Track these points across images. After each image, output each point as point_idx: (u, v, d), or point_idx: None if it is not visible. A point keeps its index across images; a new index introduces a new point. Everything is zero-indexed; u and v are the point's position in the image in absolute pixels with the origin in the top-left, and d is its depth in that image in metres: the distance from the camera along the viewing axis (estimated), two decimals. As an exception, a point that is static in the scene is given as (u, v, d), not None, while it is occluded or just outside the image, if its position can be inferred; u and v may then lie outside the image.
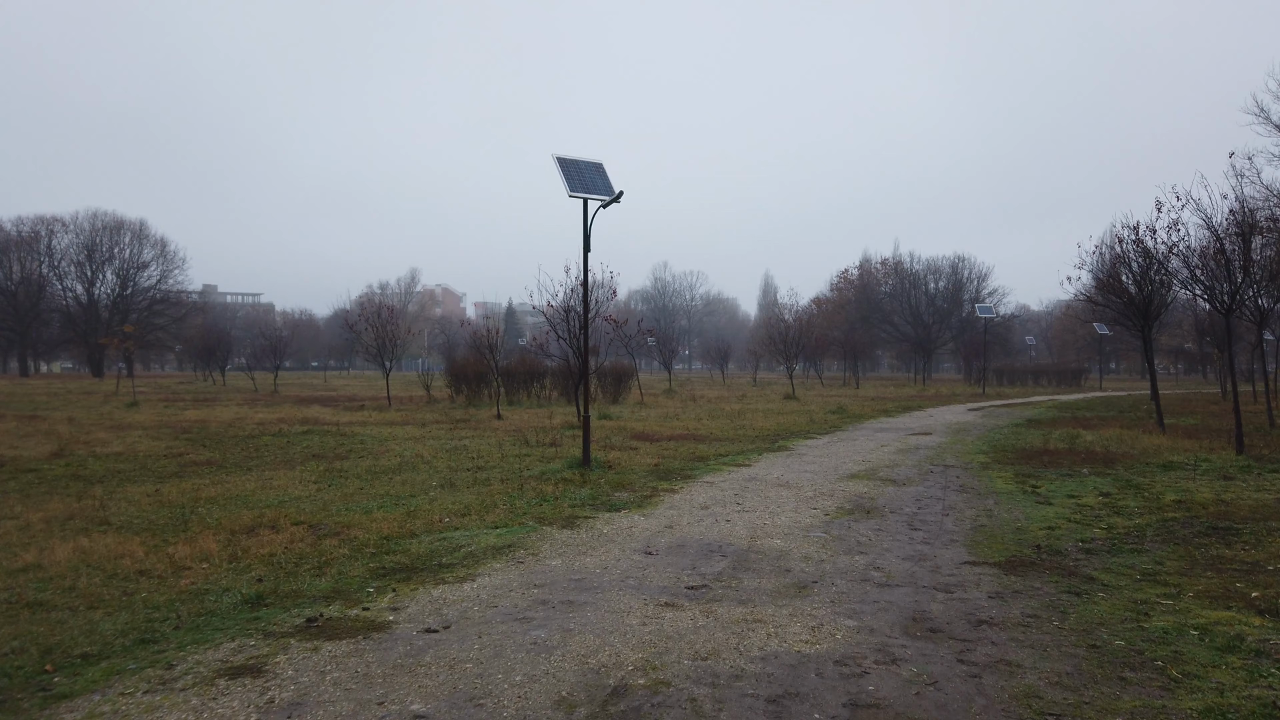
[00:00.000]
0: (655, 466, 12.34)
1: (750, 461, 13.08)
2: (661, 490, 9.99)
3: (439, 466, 12.35)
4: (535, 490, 9.79)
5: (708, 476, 11.31)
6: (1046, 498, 9.63)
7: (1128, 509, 8.92)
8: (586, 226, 11.50)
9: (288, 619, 4.89)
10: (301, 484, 10.59)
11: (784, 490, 10.06)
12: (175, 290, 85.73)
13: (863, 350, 68.93)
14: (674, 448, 14.99)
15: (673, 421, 21.24)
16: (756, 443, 16.11)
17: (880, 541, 7.26)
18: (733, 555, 6.61)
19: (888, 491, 10.05)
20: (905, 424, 21.46)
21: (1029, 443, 16.03)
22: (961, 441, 16.64)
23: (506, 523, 7.80)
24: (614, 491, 9.89)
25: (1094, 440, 16.03)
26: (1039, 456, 13.70)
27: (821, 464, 12.72)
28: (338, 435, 17.31)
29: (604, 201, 11.39)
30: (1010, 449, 14.97)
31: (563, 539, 7.09)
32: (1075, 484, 10.67)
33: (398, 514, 8.32)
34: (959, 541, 7.35)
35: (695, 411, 25.61)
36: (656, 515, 8.36)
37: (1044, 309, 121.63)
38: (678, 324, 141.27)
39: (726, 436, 17.45)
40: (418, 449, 14.59)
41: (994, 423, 22.15)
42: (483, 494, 9.65)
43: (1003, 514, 8.65)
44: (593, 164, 11.75)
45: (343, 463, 12.84)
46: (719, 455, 13.89)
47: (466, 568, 6.10)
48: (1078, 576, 6.16)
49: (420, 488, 10.28)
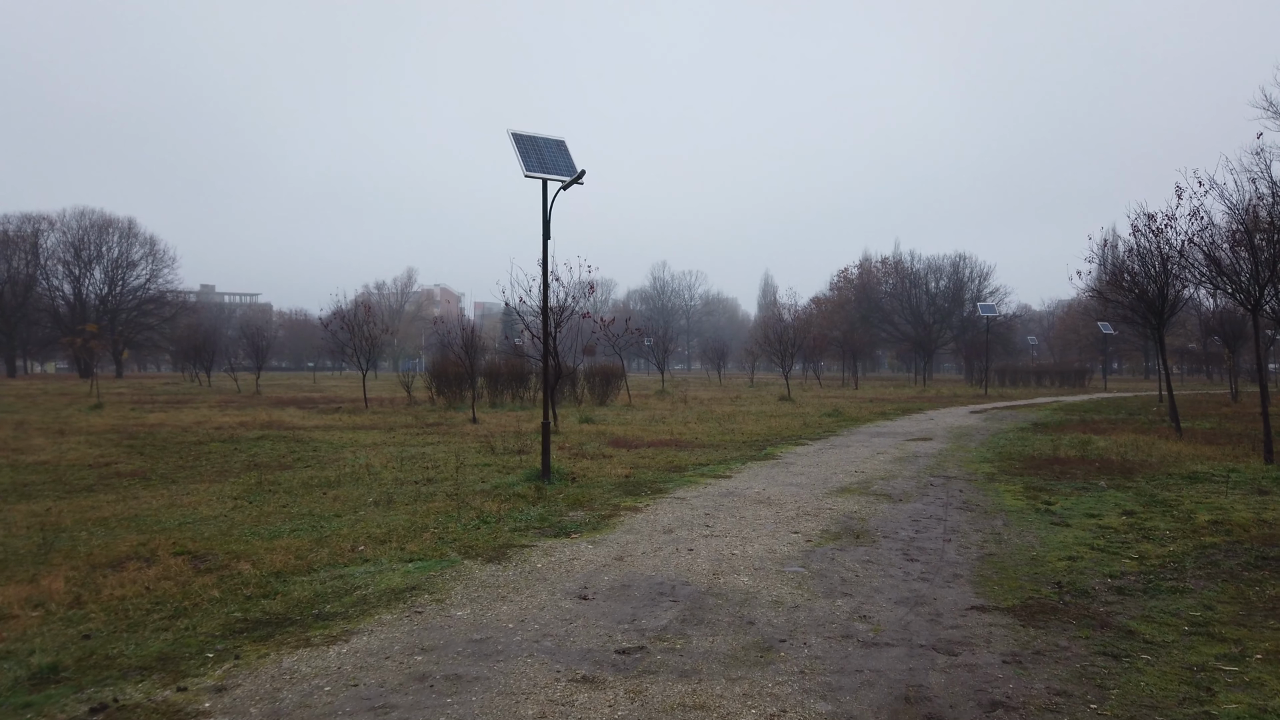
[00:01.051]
0: (625, 478, 11.12)
1: (731, 472, 11.86)
2: (623, 509, 8.76)
3: (385, 479, 11.13)
4: (478, 509, 8.57)
5: (681, 491, 10.09)
6: (1063, 517, 8.41)
7: (1158, 532, 7.70)
8: (546, 210, 10.29)
9: (72, 706, 3.67)
10: (219, 501, 9.37)
11: (763, 508, 8.84)
12: (166, 290, 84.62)
13: (862, 350, 67.67)
14: (651, 456, 13.78)
15: (657, 426, 20.03)
16: (742, 450, 14.89)
17: (869, 578, 6.04)
18: (686, 600, 5.39)
19: (881, 510, 8.83)
20: (904, 428, 20.24)
21: (1037, 449, 14.80)
22: (964, 448, 15.41)
23: (426, 554, 6.57)
24: (569, 510, 8.67)
25: (1107, 447, 14.81)
26: (1049, 466, 12.48)
27: (809, 475, 11.50)
28: (293, 441, 16.09)
29: (564, 182, 10.17)
30: (1017, 457, 13.74)
31: (483, 577, 5.86)
32: (1093, 500, 9.45)
33: (306, 541, 7.10)
34: (964, 576, 6.13)
35: (684, 414, 24.39)
36: (609, 542, 7.14)
37: (1045, 308, 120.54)
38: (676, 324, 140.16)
39: (711, 442, 16.24)
40: (371, 457, 13.38)
41: (998, 427, 20.92)
42: (417, 514, 8.43)
43: (1014, 539, 7.43)
44: (554, 141, 10.54)
45: (282, 474, 11.63)
46: (698, 465, 12.67)
47: (347, 620, 4.88)
48: (1112, 629, 4.95)
49: (352, 505, 9.06)
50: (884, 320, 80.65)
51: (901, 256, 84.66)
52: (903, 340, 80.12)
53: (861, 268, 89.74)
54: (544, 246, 10.44)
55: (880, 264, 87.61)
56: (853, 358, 62.39)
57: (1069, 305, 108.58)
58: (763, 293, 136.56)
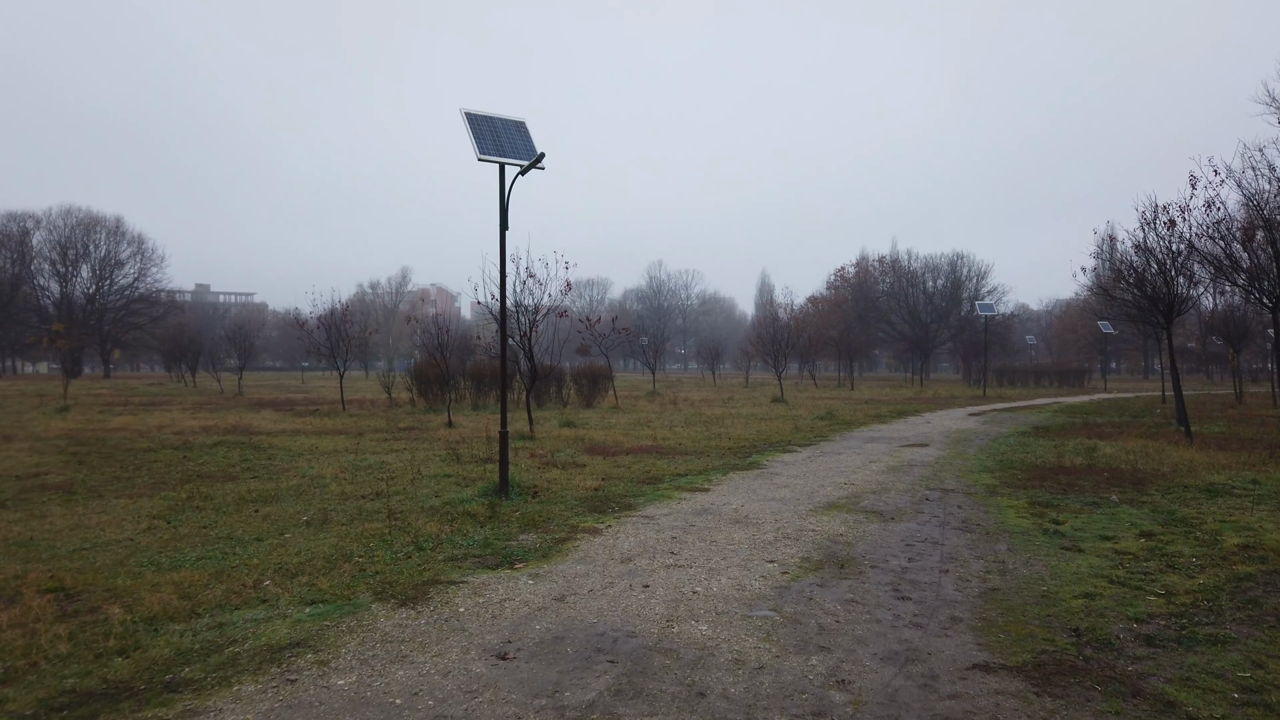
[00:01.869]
0: (594, 492, 10.18)
1: (710, 484, 10.91)
2: (582, 530, 7.82)
3: (331, 492, 10.18)
4: (416, 533, 7.62)
5: (651, 507, 9.15)
6: (1074, 540, 7.47)
7: (1183, 559, 6.78)
8: (503, 198, 9.33)
9: None
10: (134, 520, 8.42)
11: (738, 530, 7.90)
12: (155, 289, 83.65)
13: (859, 350, 66.75)
14: (628, 465, 12.84)
15: (641, 430, 19.08)
16: (726, 458, 13.95)
17: (852, 623, 5.11)
18: (628, 658, 4.44)
19: (870, 531, 7.89)
20: (899, 432, 19.31)
21: (1040, 457, 13.88)
22: (962, 455, 14.48)
23: (334, 594, 5.62)
24: (520, 533, 7.73)
25: (1115, 454, 13.88)
26: (1054, 476, 11.55)
27: (794, 488, 10.56)
28: (250, 449, 15.13)
29: (522, 167, 9.22)
30: (1019, 465, 12.82)
31: (387, 628, 4.91)
32: (1106, 518, 8.52)
33: (205, 574, 6.16)
34: (964, 620, 5.20)
35: (671, 418, 23.45)
36: (554, 575, 6.20)
37: (1043, 308, 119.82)
38: (673, 323, 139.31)
39: (695, 449, 15.30)
40: (325, 467, 12.43)
41: (997, 430, 20.00)
42: (348, 537, 7.48)
43: (1020, 568, 6.50)
44: (512, 122, 9.59)
45: (221, 486, 10.67)
46: (676, 476, 11.73)
47: (199, 694, 3.93)
48: (1146, 698, 4.02)
49: (281, 525, 8.12)
50: (881, 320, 79.78)
51: (899, 255, 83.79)
52: (900, 340, 79.25)
53: (858, 267, 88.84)
54: (501, 238, 9.49)
55: (877, 263, 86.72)
56: (849, 358, 61.46)
57: (1067, 305, 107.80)
58: (760, 292, 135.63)
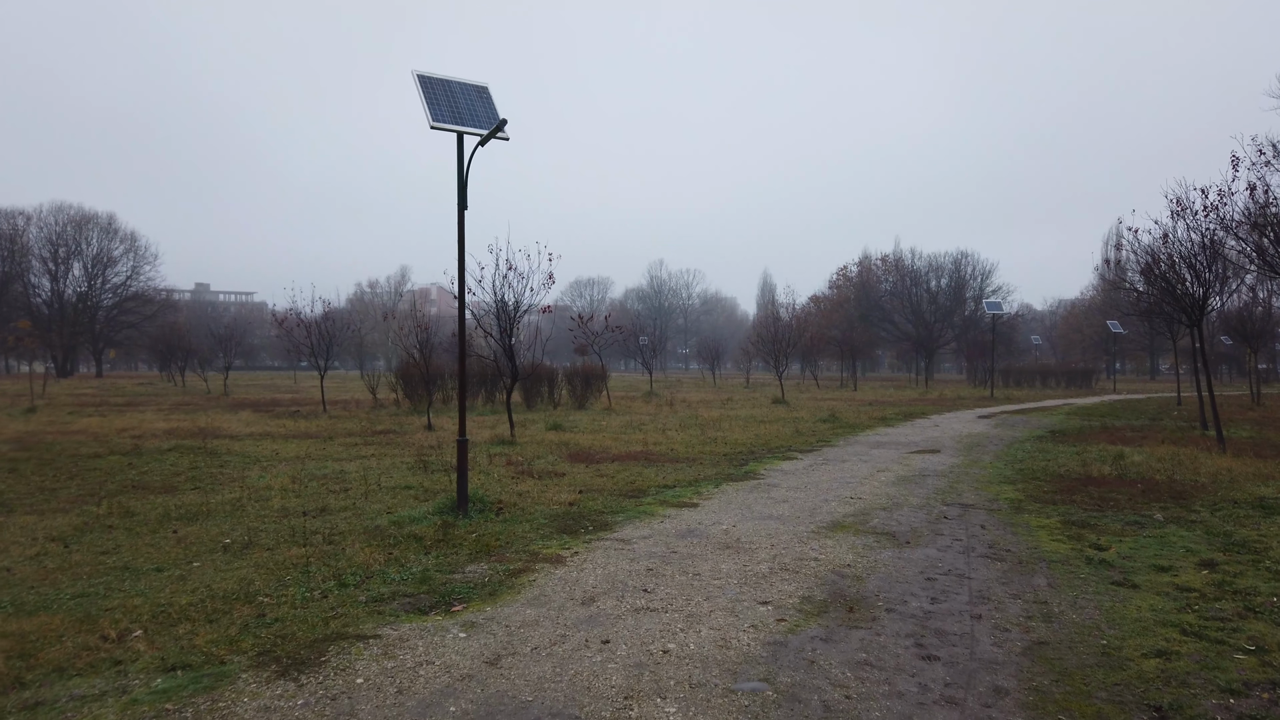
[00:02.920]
0: (568, 508, 9.00)
1: (700, 498, 9.73)
2: (542, 560, 6.64)
3: (270, 508, 9.01)
4: (344, 563, 6.45)
5: (629, 527, 7.97)
6: (1124, 573, 6.29)
7: (1260, 598, 5.60)
8: (461, 172, 8.16)
9: None
10: (27, 543, 7.24)
11: (728, 558, 6.72)
12: (148, 287, 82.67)
13: (862, 350, 65.48)
14: (612, 474, 11.66)
15: (632, 435, 17.90)
16: (720, 466, 12.76)
17: (867, 702, 3.92)
18: (565, 761, 3.28)
19: (883, 560, 6.70)
20: (907, 437, 18.12)
21: (1063, 465, 12.69)
22: (978, 463, 13.30)
23: (206, 654, 4.43)
24: (469, 562, 6.55)
25: (1144, 463, 12.68)
26: (1083, 489, 10.37)
27: (794, 503, 9.37)
28: (205, 455, 13.97)
29: (482, 136, 8.04)
30: (1043, 476, 11.63)
31: (248, 714, 3.72)
32: (1155, 542, 7.33)
33: (64, 619, 4.99)
34: (1011, 694, 4.02)
35: (665, 420, 22.27)
36: (494, 625, 5.02)
37: (1047, 308, 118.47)
38: (674, 323, 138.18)
39: (687, 455, 14.12)
40: (276, 477, 11.26)
41: (1011, 434, 18.81)
42: (264, 568, 6.31)
43: (1068, 612, 5.32)
44: (473, 86, 8.41)
45: (149, 500, 9.51)
46: (663, 487, 10.54)
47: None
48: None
49: (194, 552, 6.95)
50: (884, 319, 78.56)
51: (902, 254, 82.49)
52: (903, 340, 78.02)
53: (861, 266, 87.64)
54: (460, 219, 8.30)
55: (880, 262, 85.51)
56: (852, 358, 60.24)
57: (1072, 305, 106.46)
58: (761, 292, 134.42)
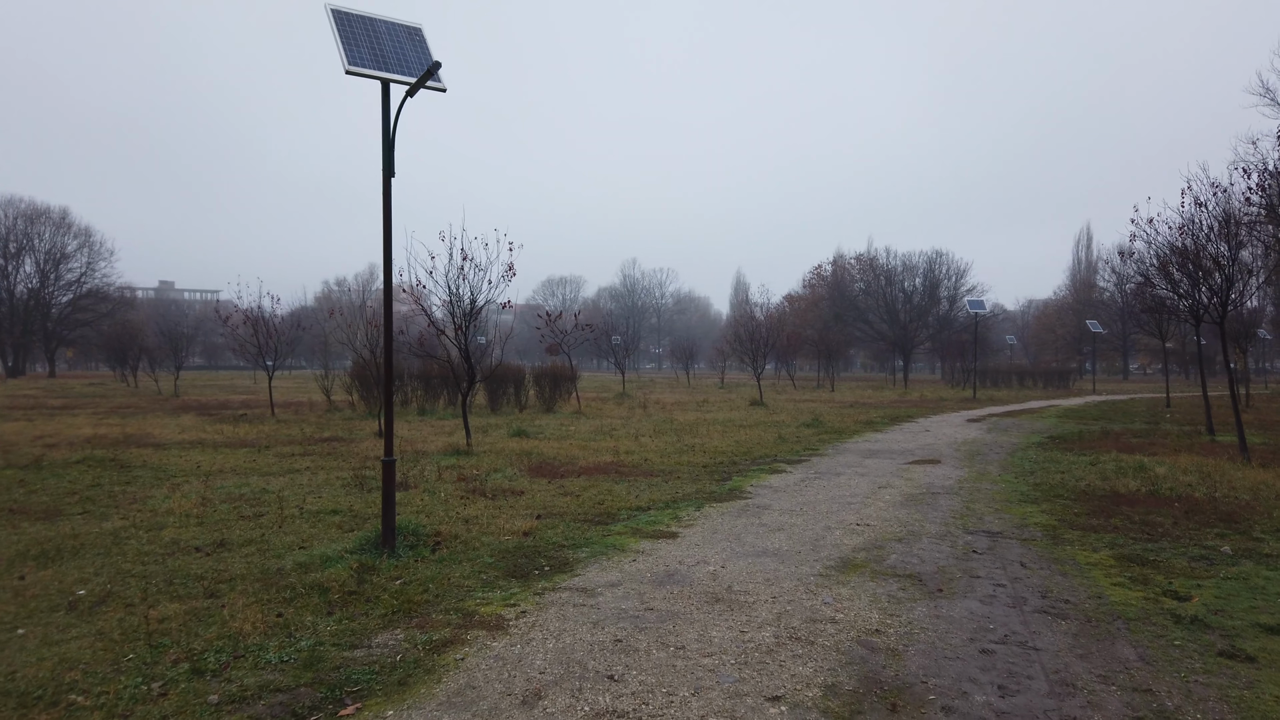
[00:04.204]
0: (521, 540, 7.45)
1: (679, 525, 8.23)
2: (480, 623, 5.09)
3: (159, 542, 7.37)
4: (223, 628, 4.87)
5: (593, 569, 6.45)
6: (1227, 636, 4.90)
7: None
8: (387, 129, 6.58)
9: None
10: None
11: (719, 618, 5.22)
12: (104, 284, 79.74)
13: (837, 350, 64.42)
14: (577, 492, 10.14)
15: (601, 441, 16.37)
16: (701, 481, 11.28)
17: None
18: None
19: (918, 619, 5.24)
20: (900, 443, 16.77)
21: (1081, 478, 11.37)
22: (986, 476, 11.96)
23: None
24: (382, 629, 4.99)
25: (1170, 475, 11.39)
26: (1118, 509, 9.04)
27: (792, 531, 7.91)
28: (116, 468, 12.23)
29: (410, 85, 6.48)
30: (1065, 492, 10.28)
31: None
32: (1241, 587, 5.95)
33: None
34: None
35: (638, 425, 20.76)
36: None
37: (1018, 308, 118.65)
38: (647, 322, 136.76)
39: (663, 467, 12.63)
40: (183, 498, 9.57)
41: (1009, 440, 17.55)
42: (107, 640, 4.71)
43: (1187, 709, 3.90)
44: (402, 27, 6.83)
45: (17, 529, 7.82)
46: (636, 510, 9.04)
47: None
48: None
49: (36, 607, 5.32)
50: (858, 319, 77.61)
51: (876, 254, 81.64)
52: (878, 340, 77.16)
53: (835, 265, 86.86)
54: (385, 187, 6.71)
55: (855, 260, 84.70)
56: (828, 358, 59.14)
57: (1044, 305, 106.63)
58: (735, 291, 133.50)
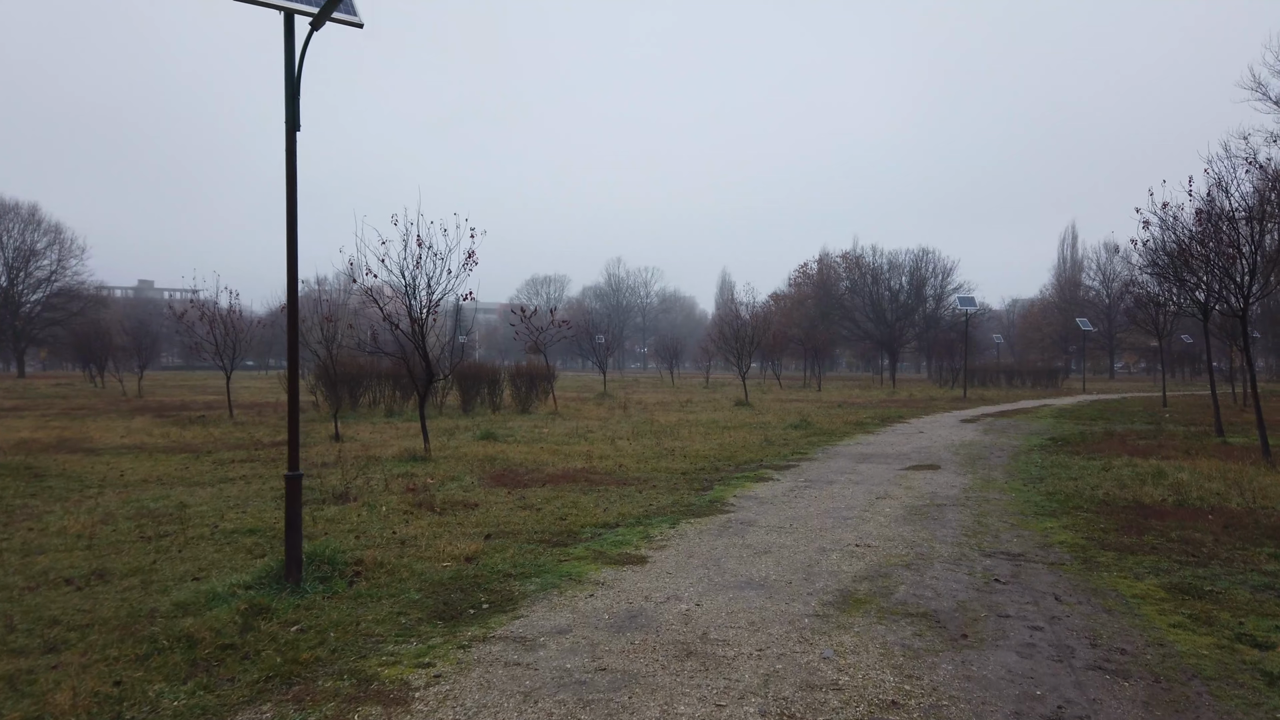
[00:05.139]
0: (461, 568, 6.28)
1: (649, 547, 7.08)
2: (376, 695, 3.89)
3: (34, 570, 6.14)
4: (44, 703, 3.68)
5: (539, 609, 5.28)
6: (1340, 704, 3.80)
7: None
8: (292, 71, 5.39)
9: None
10: None
11: (689, 684, 4.05)
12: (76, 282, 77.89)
13: (823, 349, 63.46)
14: (539, 504, 8.98)
15: (575, 445, 15.21)
16: (678, 490, 10.13)
17: None
18: None
19: (942, 681, 4.10)
20: (894, 446, 15.70)
21: (1098, 486, 10.32)
22: (992, 484, 10.89)
23: None
24: (247, 703, 3.80)
25: (1194, 483, 10.33)
26: (1148, 523, 7.98)
27: (781, 555, 6.77)
28: (33, 477, 10.93)
29: (314, 15, 5.29)
30: (1084, 503, 9.21)
31: None
32: (1327, 628, 4.88)
33: None
34: None
35: (617, 426, 19.60)
36: None
37: (1003, 307, 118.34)
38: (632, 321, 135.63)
39: (637, 474, 11.49)
40: (85, 514, 8.33)
41: (1009, 443, 16.53)
42: None
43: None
44: (309, -50, 5.64)
45: None
46: (601, 528, 7.88)
47: None
48: None
49: None
50: (845, 317, 76.66)
51: (862, 252, 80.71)
52: (864, 338, 76.27)
53: (821, 263, 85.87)
54: (289, 143, 5.49)
55: (841, 258, 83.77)
56: (814, 357, 58.16)
57: (1030, 304, 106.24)
58: (720, 290, 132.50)
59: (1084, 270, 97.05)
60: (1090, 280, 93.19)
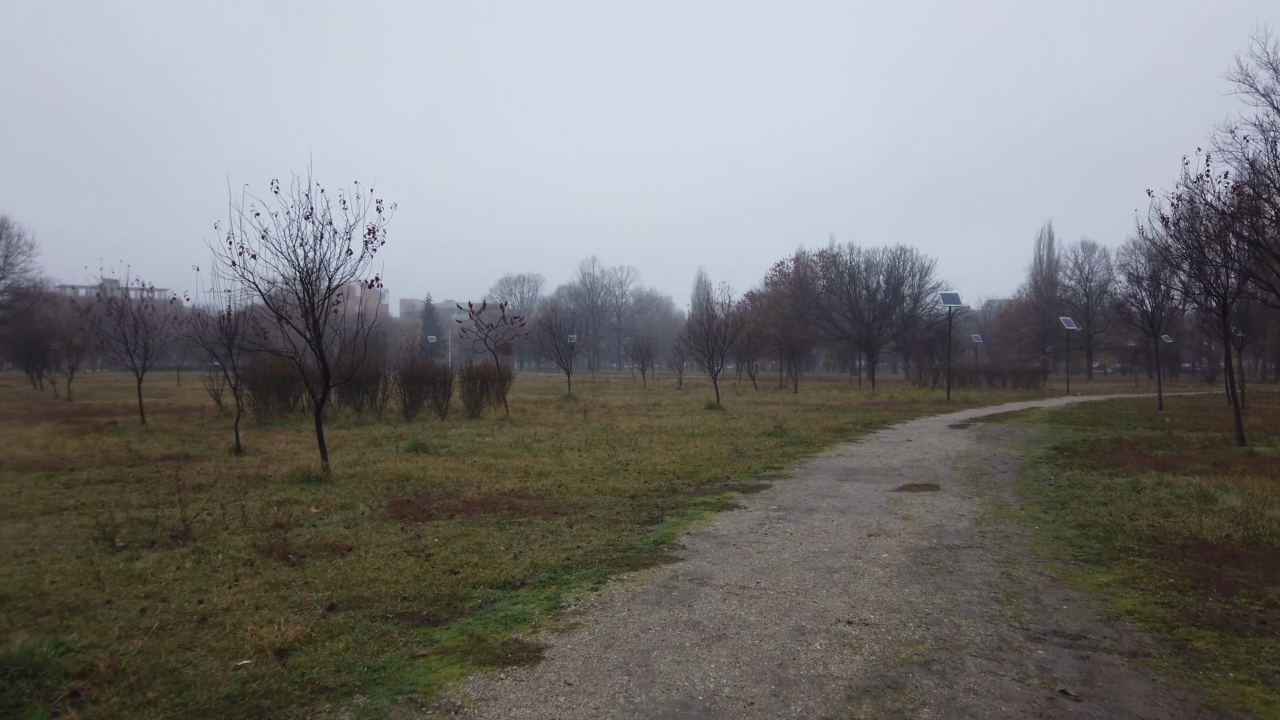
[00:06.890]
0: (257, 672, 4.15)
1: (554, 625, 4.97)
2: None
3: None
4: None
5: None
6: None
7: None
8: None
9: None
10: None
11: None
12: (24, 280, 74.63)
13: (800, 349, 61.64)
14: (434, 548, 6.84)
15: (514, 459, 13.06)
16: (618, 525, 8.02)
17: None
18: None
19: None
20: (882, 458, 13.72)
21: (1134, 513, 8.37)
22: (1006, 509, 8.92)
23: None
24: None
25: (1252, 510, 8.41)
26: (1225, 570, 6.02)
27: (742, 644, 4.69)
28: None
29: None
30: (1128, 538, 7.24)
31: None
32: None
33: None
34: None
35: (570, 434, 17.48)
36: None
37: (980, 307, 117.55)
38: (607, 321, 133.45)
39: (577, 498, 9.40)
40: None
41: (1008, 453, 14.63)
42: None
43: None
44: None
45: None
46: (499, 589, 5.76)
47: None
48: None
49: None
50: (821, 317, 74.96)
51: (839, 250, 79.07)
52: (842, 338, 74.61)
53: (798, 262, 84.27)
54: None
55: (818, 257, 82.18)
56: (790, 357, 56.31)
57: (1007, 304, 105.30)
58: (696, 290, 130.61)
59: (1060, 270, 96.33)
60: (1068, 280, 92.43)
